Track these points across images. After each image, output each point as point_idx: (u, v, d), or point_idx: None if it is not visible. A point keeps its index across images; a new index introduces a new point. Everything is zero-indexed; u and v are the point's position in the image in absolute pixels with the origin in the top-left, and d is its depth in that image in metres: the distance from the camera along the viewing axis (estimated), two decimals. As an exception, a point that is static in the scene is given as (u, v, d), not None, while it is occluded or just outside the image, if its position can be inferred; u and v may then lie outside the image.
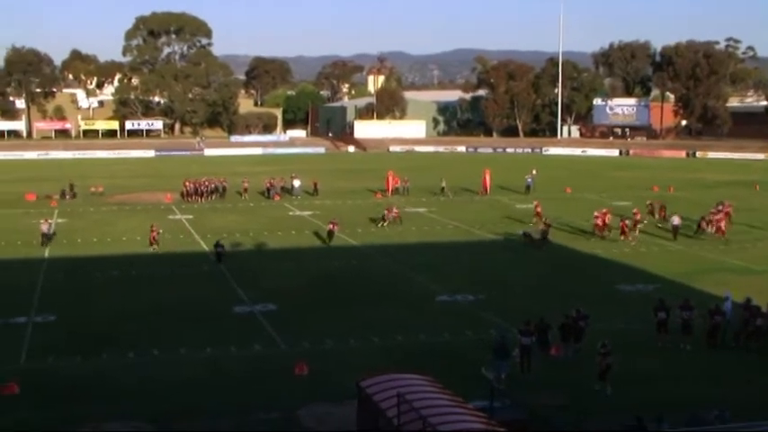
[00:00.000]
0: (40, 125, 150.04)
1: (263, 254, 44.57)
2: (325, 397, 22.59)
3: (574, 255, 44.04)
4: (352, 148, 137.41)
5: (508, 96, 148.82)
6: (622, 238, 46.79)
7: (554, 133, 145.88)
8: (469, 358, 25.62)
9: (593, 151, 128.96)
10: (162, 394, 23.26)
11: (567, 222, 54.24)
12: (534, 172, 74.69)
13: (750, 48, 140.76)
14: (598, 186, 77.64)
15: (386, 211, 52.48)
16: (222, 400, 22.66)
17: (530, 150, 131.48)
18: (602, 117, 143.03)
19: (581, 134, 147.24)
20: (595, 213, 49.35)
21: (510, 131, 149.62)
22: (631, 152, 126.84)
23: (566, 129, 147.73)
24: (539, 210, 54.73)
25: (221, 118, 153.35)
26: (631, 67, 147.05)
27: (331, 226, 47.58)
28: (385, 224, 50.99)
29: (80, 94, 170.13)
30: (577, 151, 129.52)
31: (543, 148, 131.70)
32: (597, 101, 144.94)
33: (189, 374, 24.83)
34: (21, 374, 24.57)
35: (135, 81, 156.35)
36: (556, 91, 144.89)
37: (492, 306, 32.69)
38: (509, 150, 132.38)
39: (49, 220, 51.12)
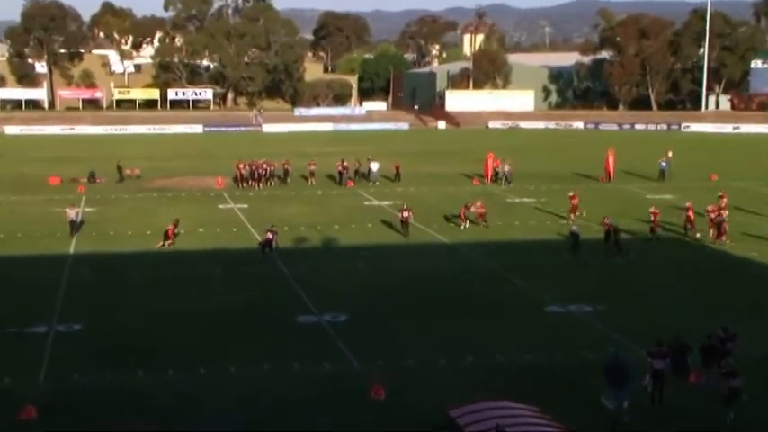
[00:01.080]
0: (65, 93, 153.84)
1: (332, 252, 45.00)
2: (407, 427, 22.57)
3: (721, 257, 43.64)
4: (442, 124, 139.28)
5: (638, 59, 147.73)
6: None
7: (697, 105, 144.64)
8: (586, 384, 25.52)
9: (748, 128, 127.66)
10: (209, 419, 23.42)
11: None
12: (670, 154, 73.86)
13: None
14: (753, 173, 76.62)
15: (464, 208, 51.28)
16: (282, 428, 22.72)
17: (665, 127, 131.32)
18: (763, 84, 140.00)
19: (732, 106, 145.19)
20: (709, 208, 48.77)
21: (640, 103, 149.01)
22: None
23: (712, 100, 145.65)
24: (575, 202, 54.09)
25: (283, 87, 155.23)
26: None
27: (404, 214, 48.00)
28: (465, 225, 50.35)
29: (113, 55, 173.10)
30: (727, 128, 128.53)
31: (683, 124, 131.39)
32: (756, 63, 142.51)
33: (241, 396, 24.99)
34: (40, 395, 24.86)
35: (179, 41, 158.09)
36: (701, 51, 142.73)
37: (615, 320, 32.44)
38: (638, 127, 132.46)
39: (76, 208, 51.93)
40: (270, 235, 42.50)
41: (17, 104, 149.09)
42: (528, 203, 60.03)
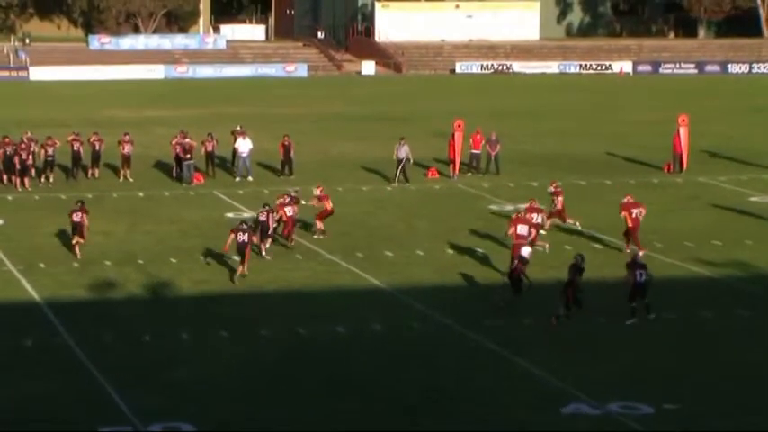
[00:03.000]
0: None
1: (166, 307, 33.86)
2: None
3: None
4: (369, 67, 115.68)
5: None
6: None
7: None
8: None
9: None
10: None
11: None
12: None
13: None
14: None
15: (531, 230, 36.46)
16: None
17: None
18: None
19: None
20: None
21: (737, 25, 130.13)
22: None
23: None
24: (558, 201, 42.24)
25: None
26: None
27: (286, 211, 39.89)
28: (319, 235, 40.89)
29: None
30: None
31: None
32: None
33: None
34: None
35: None
36: None
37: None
38: (735, 69, 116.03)
39: None
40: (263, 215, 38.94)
41: None
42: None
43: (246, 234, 36.07)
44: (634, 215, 37.83)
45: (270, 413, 25.43)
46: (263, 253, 37.18)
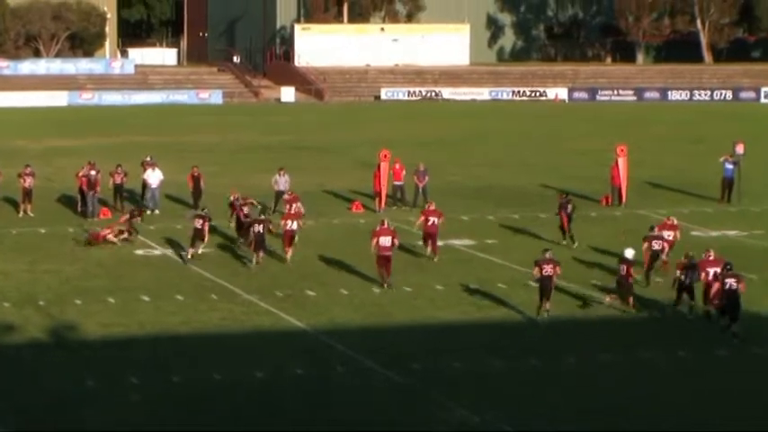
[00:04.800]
0: None
1: (70, 352, 33.27)
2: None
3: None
4: (288, 93, 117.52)
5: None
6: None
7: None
8: None
9: None
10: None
11: None
12: (740, 149, 60.49)
13: None
14: None
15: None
16: None
17: (728, 95, 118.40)
18: None
19: None
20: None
21: (678, 48, 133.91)
22: None
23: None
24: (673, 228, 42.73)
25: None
26: None
27: (198, 223, 42.39)
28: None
29: None
30: None
31: (763, 91, 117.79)
32: None
33: None
34: None
35: None
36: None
37: None
38: (675, 96, 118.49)
39: None
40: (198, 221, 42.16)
41: None
42: (467, 251, 47.10)
43: (263, 225, 40.32)
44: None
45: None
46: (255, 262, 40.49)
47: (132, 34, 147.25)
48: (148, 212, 53.66)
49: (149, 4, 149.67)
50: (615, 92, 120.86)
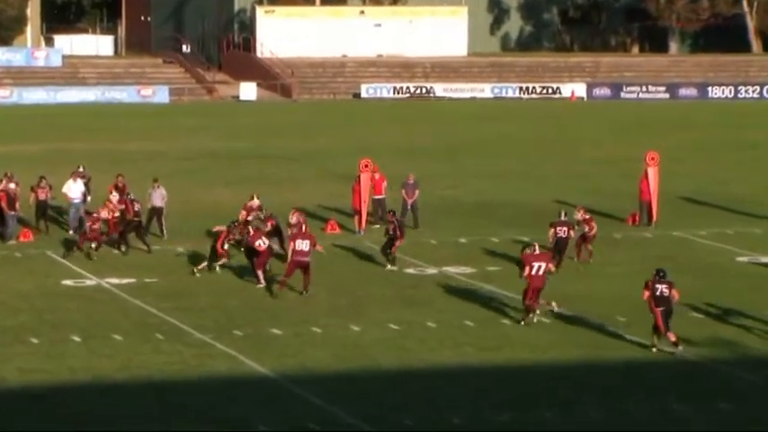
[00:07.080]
0: None
1: None
2: None
3: None
4: (249, 90, 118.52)
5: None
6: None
7: None
8: None
9: None
10: None
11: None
12: None
13: None
14: None
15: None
16: None
17: None
18: None
19: None
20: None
21: (715, 38, 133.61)
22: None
23: None
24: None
25: None
26: None
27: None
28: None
29: None
30: None
31: None
32: None
33: None
34: None
35: None
36: None
37: None
38: (716, 93, 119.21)
39: None
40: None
41: None
42: (463, 280, 47.27)
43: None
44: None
45: None
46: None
47: (59, 18, 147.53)
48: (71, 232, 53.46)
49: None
50: (644, 88, 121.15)
